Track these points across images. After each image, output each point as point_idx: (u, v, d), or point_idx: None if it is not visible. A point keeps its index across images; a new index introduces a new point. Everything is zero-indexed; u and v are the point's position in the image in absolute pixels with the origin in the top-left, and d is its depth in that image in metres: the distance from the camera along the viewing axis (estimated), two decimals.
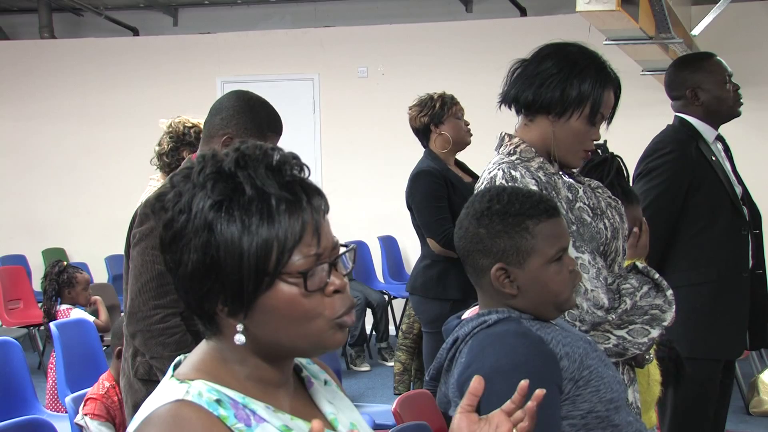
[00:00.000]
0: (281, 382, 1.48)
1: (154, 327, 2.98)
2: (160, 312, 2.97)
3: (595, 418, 2.12)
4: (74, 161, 10.71)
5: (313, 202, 1.41)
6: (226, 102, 3.17)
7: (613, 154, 2.99)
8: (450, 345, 2.15)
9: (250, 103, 3.14)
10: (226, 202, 1.36)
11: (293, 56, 10.46)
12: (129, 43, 11.01)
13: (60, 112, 10.77)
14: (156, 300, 2.97)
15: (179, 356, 1.51)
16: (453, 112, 4.96)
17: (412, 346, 6.33)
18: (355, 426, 1.55)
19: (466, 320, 2.17)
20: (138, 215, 3.12)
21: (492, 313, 2.14)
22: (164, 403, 1.37)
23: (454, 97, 5.04)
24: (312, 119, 10.32)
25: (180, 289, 1.43)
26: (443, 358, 2.17)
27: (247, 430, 1.37)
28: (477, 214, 2.16)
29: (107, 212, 10.18)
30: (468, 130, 4.99)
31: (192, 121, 4.26)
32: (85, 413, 3.91)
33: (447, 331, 2.25)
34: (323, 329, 1.41)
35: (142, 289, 3.01)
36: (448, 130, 4.93)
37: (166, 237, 1.41)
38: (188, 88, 10.10)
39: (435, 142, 4.96)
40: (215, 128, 3.12)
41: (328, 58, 10.38)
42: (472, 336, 2.12)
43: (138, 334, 3.03)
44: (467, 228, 2.17)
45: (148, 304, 2.99)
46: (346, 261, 1.47)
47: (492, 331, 2.12)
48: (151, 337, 2.99)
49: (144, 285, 3.00)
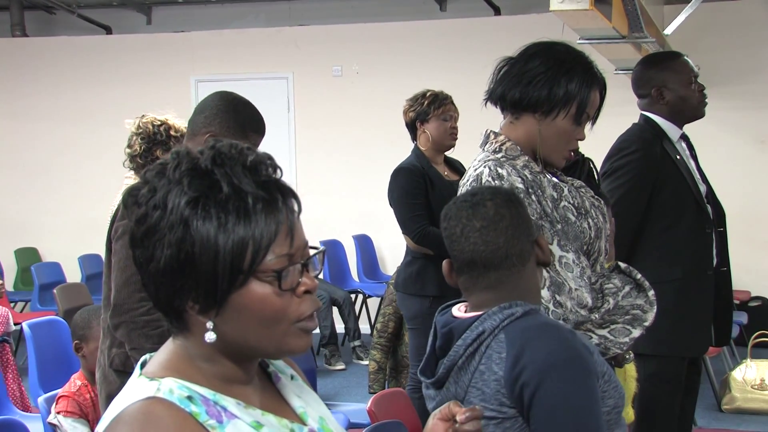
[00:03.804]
0: (248, 380, 1.48)
1: (139, 319, 3.00)
2: (145, 305, 2.97)
3: (617, 413, 2.14)
4: (47, 160, 10.64)
5: (288, 202, 1.41)
6: (210, 101, 3.19)
7: (584, 156, 3.00)
8: (472, 340, 2.11)
9: (233, 103, 3.16)
10: (202, 198, 1.36)
11: (267, 55, 10.44)
12: (102, 42, 10.95)
13: (33, 111, 10.70)
14: (141, 292, 2.93)
15: (145, 356, 1.51)
16: (440, 112, 4.95)
17: (387, 345, 6.33)
18: (324, 420, 1.56)
19: (486, 314, 2.14)
20: (119, 208, 3.11)
21: (514, 306, 2.13)
22: (135, 400, 1.37)
23: (449, 98, 5.03)
24: (286, 118, 10.31)
25: (149, 285, 1.43)
26: (459, 355, 2.12)
27: (218, 426, 1.37)
28: (480, 222, 2.17)
29: (80, 212, 10.13)
30: (453, 133, 4.99)
31: (159, 119, 4.24)
32: (58, 411, 3.90)
33: (448, 325, 2.23)
34: (287, 332, 1.41)
35: (128, 281, 3.03)
36: (431, 129, 4.94)
37: (138, 232, 1.40)
38: (162, 86, 10.07)
39: (420, 139, 4.98)
40: (198, 126, 3.14)
41: (302, 57, 10.37)
42: (500, 330, 2.10)
43: (122, 326, 3.05)
44: (483, 239, 2.18)
45: (133, 296, 3.01)
46: (317, 263, 1.48)
47: (526, 324, 2.11)
48: (134, 329, 3.01)
49: (129, 277, 3.02)
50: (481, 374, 2.09)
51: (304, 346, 1.45)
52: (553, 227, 2.57)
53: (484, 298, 2.19)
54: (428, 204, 4.79)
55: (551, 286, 2.49)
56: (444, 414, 1.62)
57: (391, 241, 5.04)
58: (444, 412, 1.62)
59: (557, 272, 2.52)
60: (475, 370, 2.09)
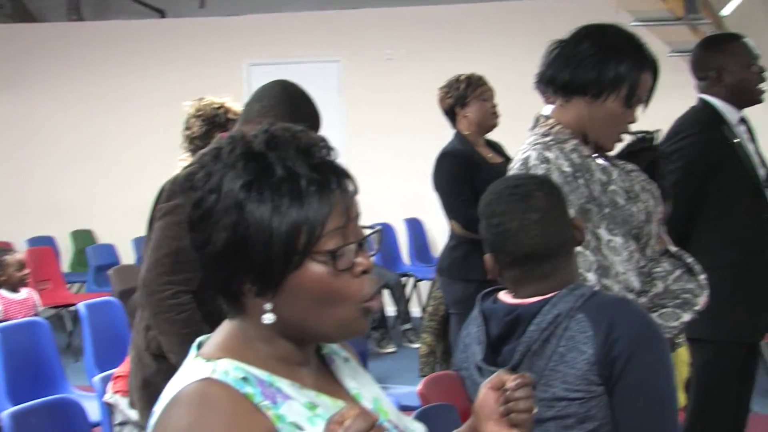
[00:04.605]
0: (304, 361, 1.49)
1: (164, 303, 2.94)
2: (171, 288, 2.93)
3: None
4: (101, 144, 10.75)
5: (342, 183, 1.42)
6: (269, 91, 3.16)
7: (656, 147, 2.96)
8: (547, 324, 2.13)
9: (292, 97, 3.13)
10: (256, 182, 1.38)
11: (319, 39, 10.46)
12: (155, 26, 11.04)
13: (87, 95, 10.81)
14: (169, 276, 2.93)
15: (201, 337, 1.53)
16: (478, 93, 4.94)
17: (438, 328, 6.33)
18: (378, 400, 1.57)
19: (557, 297, 2.16)
20: (165, 190, 3.10)
21: (580, 287, 2.19)
22: (191, 382, 1.39)
23: (482, 78, 5.02)
24: (337, 102, 10.32)
25: (207, 268, 1.44)
26: (534, 339, 2.14)
27: (273, 407, 1.38)
28: (536, 214, 2.19)
29: (134, 194, 10.18)
30: (494, 112, 4.97)
31: (218, 101, 4.27)
32: (115, 391, 3.94)
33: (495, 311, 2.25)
34: (350, 313, 1.42)
35: (157, 262, 2.98)
36: (472, 112, 4.92)
37: (194, 216, 1.42)
38: (215, 70, 10.11)
39: (461, 124, 4.96)
40: (253, 114, 3.11)
41: (353, 41, 10.37)
42: (577, 310, 2.13)
43: (147, 307, 3.01)
44: (542, 230, 2.19)
45: (160, 278, 2.95)
46: (372, 243, 1.48)
47: (601, 301, 2.17)
48: (159, 312, 2.95)
49: (159, 259, 2.97)
50: (561, 356, 2.11)
51: (364, 327, 1.46)
52: (601, 211, 2.56)
53: (538, 288, 2.20)
54: (474, 188, 4.77)
55: (598, 269, 2.49)
56: (494, 383, 1.62)
57: (442, 224, 5.01)
58: (494, 381, 1.62)
59: (604, 256, 2.51)
60: (553, 353, 2.11)
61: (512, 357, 2.17)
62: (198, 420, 1.34)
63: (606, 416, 2.12)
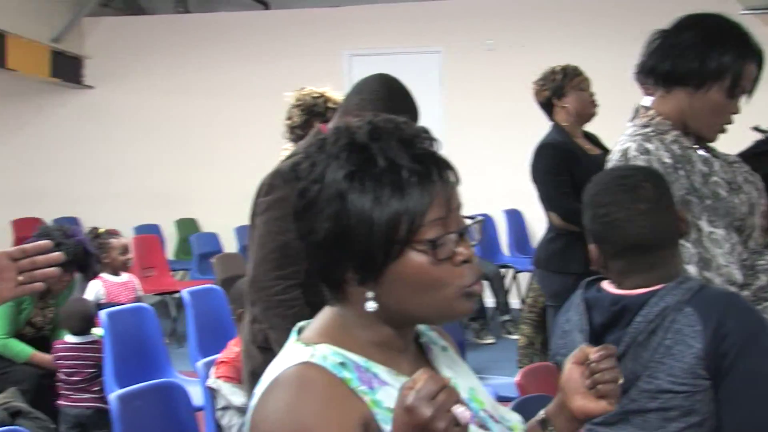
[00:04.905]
0: (403, 348, 1.51)
1: (274, 298, 3.00)
2: (281, 283, 2.98)
3: None
4: (206, 134, 10.94)
5: (443, 174, 1.44)
6: (369, 84, 3.17)
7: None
8: (654, 316, 2.13)
9: (391, 93, 3.13)
10: (358, 172, 1.40)
11: (420, 29, 10.46)
12: (259, 17, 11.16)
13: (192, 86, 11.01)
14: (278, 270, 2.99)
15: (301, 322, 1.55)
16: (575, 84, 4.88)
17: (537, 320, 6.29)
18: (474, 391, 1.58)
19: (665, 290, 2.15)
20: (264, 184, 3.13)
21: (686, 280, 2.18)
22: (291, 365, 1.42)
23: (578, 68, 4.96)
24: (438, 92, 10.32)
25: (310, 256, 1.47)
26: (639, 331, 2.14)
27: (369, 392, 1.41)
28: (645, 205, 2.19)
29: (237, 184, 10.29)
30: (593, 101, 4.91)
31: (318, 91, 4.32)
32: (218, 376, 4.01)
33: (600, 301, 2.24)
34: (451, 297, 1.44)
35: (265, 258, 3.03)
36: (571, 102, 4.86)
37: (299, 205, 1.45)
38: (317, 61, 10.19)
39: (558, 115, 4.92)
40: (352, 107, 3.12)
41: (454, 31, 10.35)
42: (685, 304, 2.12)
43: (258, 303, 3.06)
44: (651, 220, 2.19)
45: (269, 274, 3.01)
46: (473, 233, 1.49)
47: (710, 295, 2.16)
48: (270, 308, 3.01)
49: (266, 255, 3.03)
50: (668, 349, 2.10)
51: (468, 309, 1.47)
52: (702, 202, 2.52)
53: (644, 279, 2.19)
54: (573, 180, 4.72)
55: (699, 261, 2.45)
56: (578, 357, 1.62)
57: (542, 216, 4.97)
58: (578, 355, 1.62)
59: (705, 248, 2.48)
60: (659, 345, 2.10)
61: (617, 347, 2.16)
62: (296, 402, 1.37)
63: (709, 411, 2.10)
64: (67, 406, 4.79)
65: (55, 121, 11.32)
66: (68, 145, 11.24)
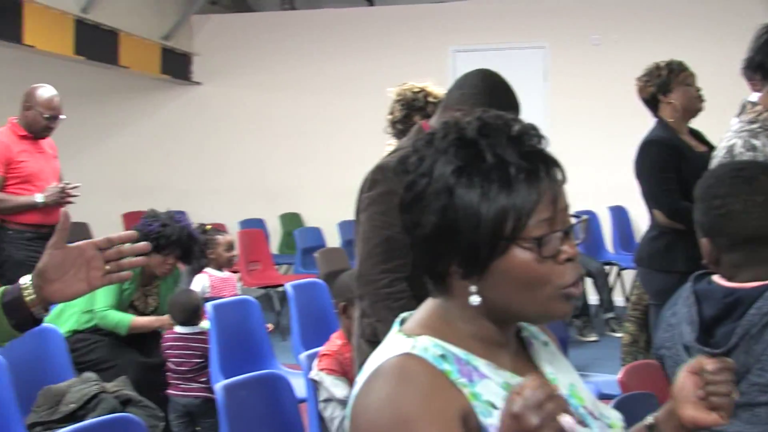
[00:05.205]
0: (504, 342, 1.52)
1: (381, 291, 3.02)
2: (387, 276, 3.01)
3: None
4: (310, 130, 11.06)
5: (551, 172, 1.44)
6: (470, 79, 3.17)
7: None
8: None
9: (492, 87, 3.12)
10: (467, 168, 1.41)
11: (524, 25, 10.40)
12: (364, 13, 11.23)
13: (297, 83, 11.14)
14: (383, 264, 3.02)
15: (404, 313, 1.57)
16: (681, 79, 4.79)
17: (641, 318, 6.20)
18: (574, 387, 1.58)
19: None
20: (367, 180, 3.16)
21: None
22: (392, 356, 1.44)
23: (683, 63, 4.87)
24: (542, 87, 10.25)
25: (415, 249, 1.49)
26: (753, 324, 2.12)
27: (469, 385, 1.42)
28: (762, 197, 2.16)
29: (340, 179, 10.42)
30: (699, 96, 4.82)
31: (419, 86, 4.33)
32: (320, 369, 4.05)
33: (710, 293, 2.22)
34: (551, 297, 1.44)
35: (370, 253, 3.06)
36: (677, 98, 4.78)
37: (406, 198, 1.47)
38: (421, 56, 10.20)
39: (664, 111, 4.84)
40: (452, 102, 3.13)
41: (560, 26, 10.26)
42: None
43: (365, 297, 3.10)
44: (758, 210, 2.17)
45: (375, 268, 3.04)
46: (578, 231, 1.49)
47: None
48: (377, 301, 3.04)
49: (372, 249, 3.06)
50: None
51: (567, 311, 1.47)
52: None
53: (760, 272, 2.16)
54: (679, 178, 4.64)
55: None
56: (693, 367, 1.60)
57: (647, 213, 4.90)
58: (693, 365, 1.60)
59: None
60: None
61: (727, 339, 2.14)
62: (396, 392, 1.38)
63: None
64: (176, 395, 4.91)
65: (164, 117, 11.58)
66: (176, 141, 11.49)
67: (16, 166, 5.83)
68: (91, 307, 5.05)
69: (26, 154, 5.89)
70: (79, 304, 5.11)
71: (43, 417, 4.19)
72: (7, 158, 5.81)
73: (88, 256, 1.89)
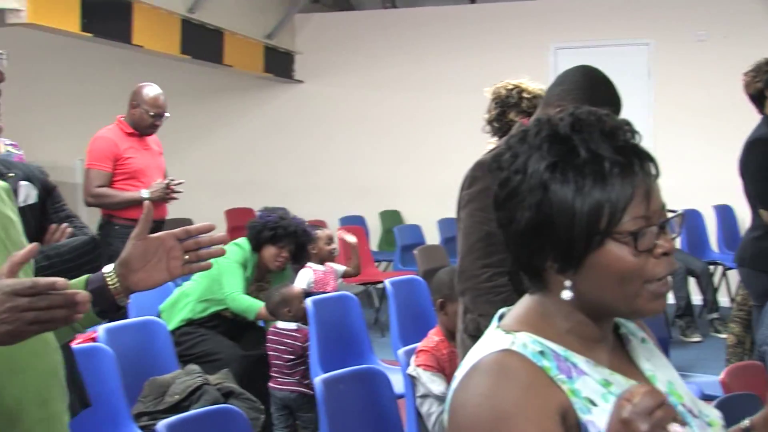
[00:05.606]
0: (601, 338, 1.52)
1: (482, 285, 3.06)
2: (488, 271, 3.04)
3: None
4: (410, 127, 11.09)
5: (645, 166, 1.44)
6: (571, 75, 3.16)
7: None
8: None
9: (592, 82, 3.10)
10: (560, 163, 1.42)
11: (628, 21, 10.26)
12: (465, 11, 11.20)
13: (398, 81, 11.17)
14: (484, 259, 3.05)
15: (502, 309, 1.58)
16: None
17: (747, 319, 6.07)
18: (673, 384, 1.57)
19: None
20: (467, 177, 3.20)
21: None
22: (491, 351, 1.45)
23: None
24: (646, 85, 10.10)
25: (510, 244, 1.50)
26: None
27: (568, 381, 1.42)
28: None
29: (439, 177, 10.44)
30: None
31: (513, 83, 4.32)
32: (418, 364, 4.08)
33: None
34: (642, 294, 1.43)
35: (471, 248, 3.10)
36: None
37: (500, 195, 1.48)
38: (522, 54, 10.14)
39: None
40: (552, 98, 3.13)
41: (664, 22, 10.10)
42: None
43: (467, 292, 3.13)
44: None
45: (476, 263, 3.08)
46: (674, 226, 1.48)
47: None
48: (478, 295, 3.08)
49: (472, 245, 3.10)
50: None
51: (658, 308, 1.46)
52: None
53: None
54: None
55: None
56: None
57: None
58: None
59: None
60: None
61: None
62: (495, 388, 1.39)
63: None
64: (274, 388, 4.98)
65: (266, 115, 11.74)
66: (278, 138, 11.63)
67: (123, 162, 5.98)
68: (208, 296, 5.18)
69: (133, 151, 6.03)
70: (194, 292, 5.26)
71: (149, 407, 4.30)
72: (114, 155, 5.96)
73: (168, 247, 1.95)
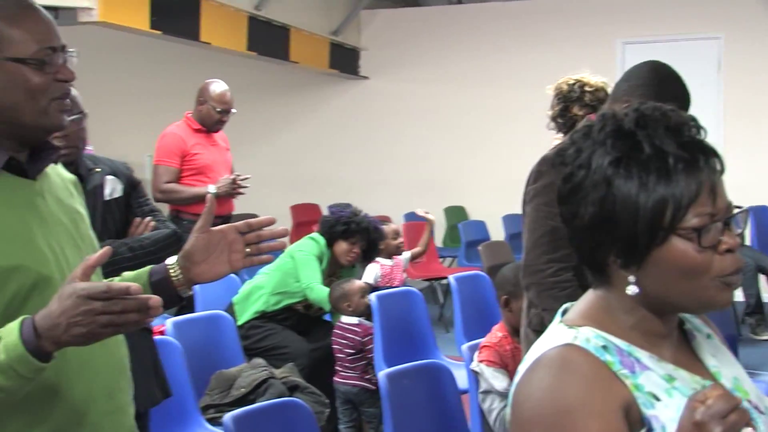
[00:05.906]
0: (665, 334, 1.51)
1: (547, 280, 3.06)
2: (553, 266, 3.04)
3: None
4: (475, 123, 11.06)
5: (710, 162, 1.43)
6: (639, 70, 3.14)
7: None
8: None
9: (660, 78, 3.07)
10: (624, 159, 1.42)
11: (698, 15, 10.12)
12: (531, 6, 11.12)
13: (463, 76, 11.14)
14: (549, 254, 3.04)
15: (566, 304, 1.58)
16: None
17: None
18: (738, 380, 1.55)
19: None
20: (533, 172, 3.21)
21: None
22: (554, 346, 1.45)
23: None
24: (716, 79, 9.95)
25: (574, 239, 1.50)
26: None
27: (631, 376, 1.41)
28: None
29: (504, 172, 10.39)
30: None
31: (574, 78, 4.30)
32: (480, 360, 4.07)
33: None
34: (709, 286, 1.42)
35: (536, 243, 3.11)
36: None
37: (564, 190, 1.49)
38: (588, 49, 10.05)
39: None
40: (620, 93, 3.11)
41: (736, 16, 9.94)
42: None
43: (531, 287, 3.14)
44: None
45: (541, 258, 3.08)
46: (739, 222, 1.47)
47: None
48: (543, 290, 3.08)
49: (537, 240, 3.10)
50: None
51: (726, 300, 1.45)
52: None
53: None
54: None
55: None
56: None
57: None
58: None
59: None
60: None
61: None
62: (558, 383, 1.39)
63: None
64: (338, 382, 5.01)
65: (332, 111, 11.79)
66: (343, 134, 11.68)
67: (190, 158, 6.05)
68: (282, 289, 5.24)
69: (200, 147, 6.10)
70: (268, 285, 5.32)
71: (216, 400, 4.35)
72: (182, 150, 6.03)
73: (229, 240, 1.99)
